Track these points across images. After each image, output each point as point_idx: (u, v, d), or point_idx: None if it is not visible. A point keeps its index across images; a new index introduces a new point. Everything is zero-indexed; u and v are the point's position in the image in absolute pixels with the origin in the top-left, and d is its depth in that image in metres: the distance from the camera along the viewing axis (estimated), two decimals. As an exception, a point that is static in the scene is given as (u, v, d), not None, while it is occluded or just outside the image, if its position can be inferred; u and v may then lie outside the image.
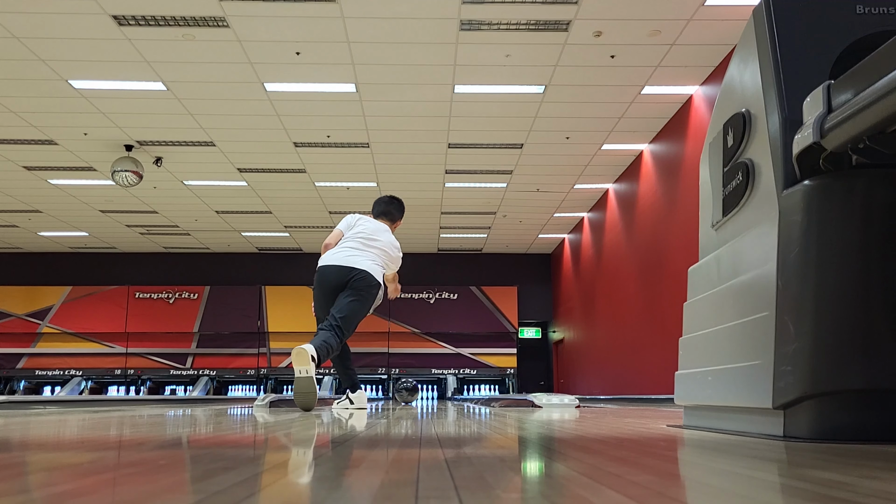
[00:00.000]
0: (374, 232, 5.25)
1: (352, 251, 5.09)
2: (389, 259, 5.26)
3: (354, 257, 5.06)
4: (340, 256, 5.07)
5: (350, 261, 5.04)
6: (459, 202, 12.63)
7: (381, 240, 5.24)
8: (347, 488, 0.93)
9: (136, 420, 3.02)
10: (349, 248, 5.11)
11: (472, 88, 8.04)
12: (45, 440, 1.86)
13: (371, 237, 5.20)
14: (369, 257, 5.10)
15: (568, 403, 5.01)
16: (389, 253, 5.25)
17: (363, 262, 5.06)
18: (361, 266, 5.03)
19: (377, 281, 5.08)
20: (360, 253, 5.10)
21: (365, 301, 5.02)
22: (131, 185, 10.02)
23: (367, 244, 5.15)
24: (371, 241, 5.18)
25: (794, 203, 1.71)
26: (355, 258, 5.06)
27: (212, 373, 16.19)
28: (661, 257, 9.49)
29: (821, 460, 1.23)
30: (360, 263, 5.04)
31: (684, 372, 2.39)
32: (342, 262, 5.04)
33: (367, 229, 5.24)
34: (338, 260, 5.07)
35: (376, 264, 5.11)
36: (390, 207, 5.52)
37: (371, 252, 5.13)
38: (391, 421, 2.94)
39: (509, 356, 16.53)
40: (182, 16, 6.46)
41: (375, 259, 5.12)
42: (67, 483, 0.96)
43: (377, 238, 5.23)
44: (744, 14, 6.46)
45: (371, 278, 5.02)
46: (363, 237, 5.18)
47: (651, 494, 0.86)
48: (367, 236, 5.19)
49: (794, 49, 1.86)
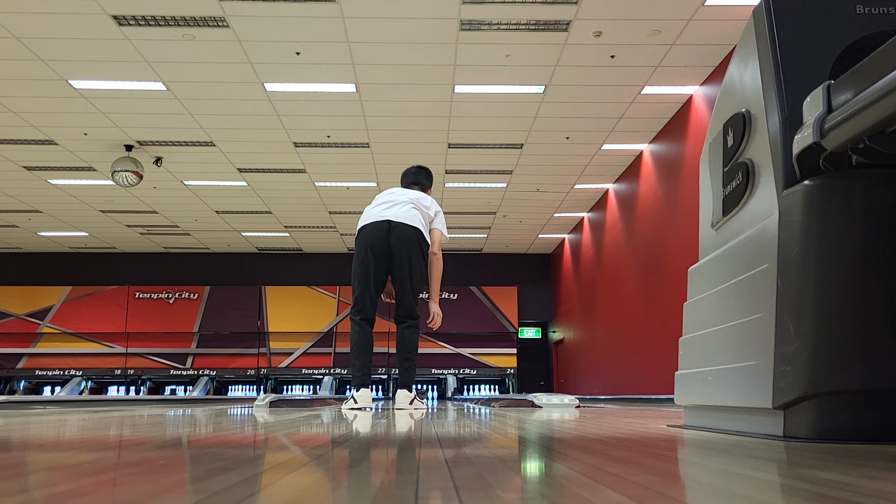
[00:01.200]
0: (404, 192, 5.05)
1: (386, 205, 4.88)
2: (424, 217, 4.95)
3: (393, 208, 4.84)
4: (376, 212, 4.86)
5: (387, 214, 4.82)
6: (459, 202, 12.63)
7: (411, 194, 5.01)
8: (347, 488, 0.93)
9: (136, 420, 3.02)
10: (383, 203, 4.91)
11: (472, 88, 8.04)
12: (45, 440, 1.86)
13: (402, 193, 5.01)
14: (406, 208, 4.86)
15: (568, 403, 5.01)
16: (423, 208, 4.96)
17: (402, 212, 4.82)
18: (400, 218, 4.79)
19: (422, 234, 4.86)
20: (395, 206, 4.87)
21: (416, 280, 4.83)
22: (131, 185, 10.02)
23: (399, 198, 4.94)
24: (403, 195, 4.98)
25: (794, 203, 1.71)
26: (393, 209, 4.83)
27: (212, 373, 16.20)
28: (661, 257, 9.49)
29: (821, 460, 1.23)
30: (398, 215, 4.81)
31: (684, 372, 2.39)
32: (379, 216, 4.82)
33: (395, 191, 5.08)
34: (374, 216, 4.84)
35: (415, 212, 4.86)
36: (419, 178, 5.27)
37: (407, 205, 4.89)
38: (391, 421, 2.94)
39: (509, 356, 16.53)
40: (182, 16, 6.46)
41: (413, 211, 4.87)
42: (67, 483, 0.96)
43: (407, 193, 5.01)
44: (744, 14, 6.46)
45: (412, 231, 4.79)
46: (393, 195, 4.99)
47: (651, 494, 0.86)
48: (399, 193, 5.01)
49: (794, 49, 1.86)
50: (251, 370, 16.27)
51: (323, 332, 16.24)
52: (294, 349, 16.35)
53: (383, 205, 4.91)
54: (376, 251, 4.80)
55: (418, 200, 4.97)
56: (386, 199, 4.98)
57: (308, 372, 16.30)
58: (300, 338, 16.36)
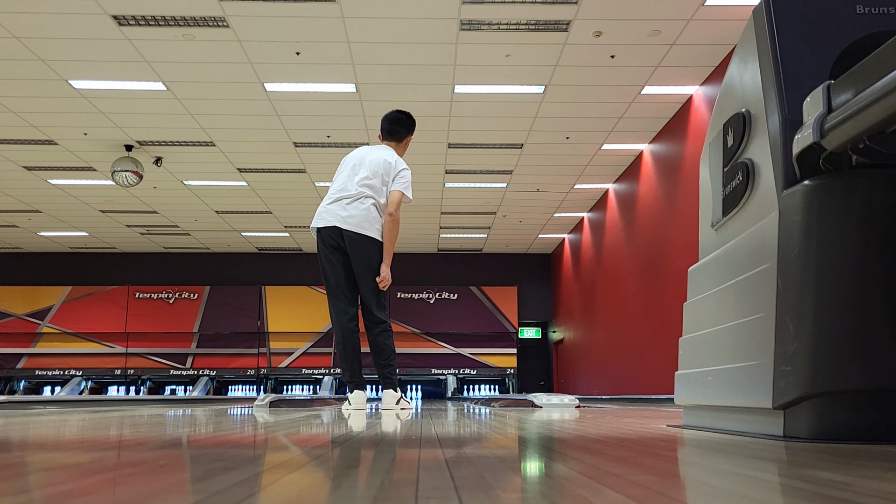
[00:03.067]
0: (358, 164, 4.70)
1: (339, 200, 4.62)
2: (381, 183, 4.64)
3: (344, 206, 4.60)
4: (328, 211, 4.63)
5: (337, 215, 4.59)
6: (459, 202, 12.63)
7: (371, 166, 4.66)
8: (347, 488, 0.93)
9: (136, 420, 3.02)
10: (336, 195, 4.65)
11: (472, 88, 8.04)
12: (45, 440, 1.86)
13: (353, 175, 4.66)
14: (359, 207, 4.58)
15: (568, 403, 5.01)
16: (383, 180, 4.65)
17: (354, 214, 4.57)
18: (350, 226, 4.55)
19: (377, 242, 4.62)
20: (346, 202, 4.60)
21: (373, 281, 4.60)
22: (131, 185, 10.02)
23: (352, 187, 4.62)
24: (357, 177, 4.64)
25: (794, 203, 1.71)
26: (345, 209, 4.59)
27: (212, 373, 16.20)
28: (661, 257, 9.49)
29: (821, 460, 1.23)
30: (349, 220, 4.57)
31: (684, 372, 2.39)
32: (329, 220, 4.60)
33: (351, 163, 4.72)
34: (325, 218, 4.62)
35: (369, 209, 4.58)
36: (395, 125, 4.90)
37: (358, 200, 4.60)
38: (391, 421, 2.94)
39: (509, 356, 16.53)
40: (182, 16, 6.46)
41: (366, 209, 4.58)
42: (67, 483, 0.96)
43: (361, 169, 4.66)
44: (744, 14, 6.46)
45: (364, 242, 4.57)
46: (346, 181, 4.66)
47: (651, 494, 0.86)
48: (354, 174, 4.67)
49: (794, 49, 1.86)
50: (251, 370, 16.27)
51: (323, 332, 16.24)
52: (294, 349, 16.36)
53: (337, 199, 4.63)
54: (334, 254, 4.64)
55: (378, 172, 4.64)
56: (339, 187, 4.68)
57: (308, 372, 16.31)
58: (300, 338, 16.36)
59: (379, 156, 4.72)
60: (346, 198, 4.61)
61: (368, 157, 4.72)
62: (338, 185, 4.71)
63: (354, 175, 4.67)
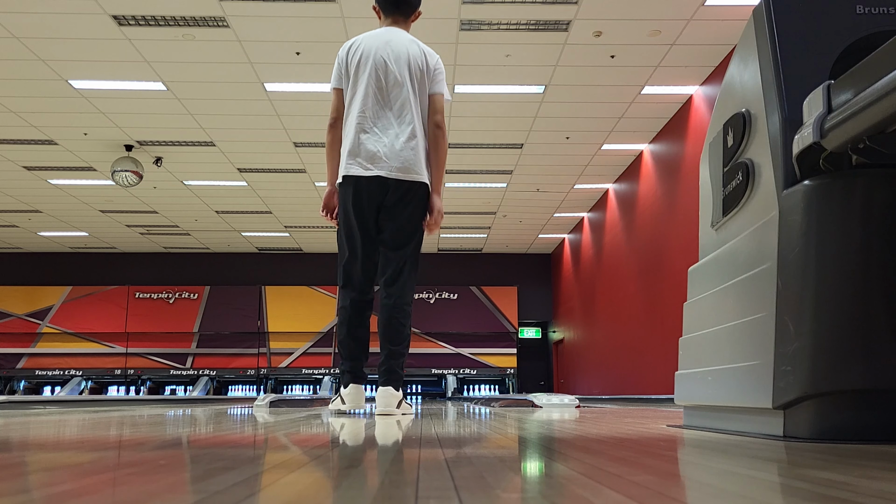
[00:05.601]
0: (381, 66, 3.43)
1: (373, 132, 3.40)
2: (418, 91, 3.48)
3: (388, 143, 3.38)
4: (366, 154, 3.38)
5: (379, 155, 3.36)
6: (459, 202, 12.63)
7: (393, 73, 3.43)
8: (347, 488, 0.93)
9: (136, 420, 3.02)
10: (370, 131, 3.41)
11: (472, 88, 8.04)
12: (45, 440, 1.86)
13: (390, 91, 3.43)
14: (406, 141, 3.40)
15: (568, 403, 5.00)
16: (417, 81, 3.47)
17: (401, 153, 3.38)
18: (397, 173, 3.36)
19: (423, 183, 3.47)
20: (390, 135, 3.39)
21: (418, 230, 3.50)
22: (131, 185, 10.02)
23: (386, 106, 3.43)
24: (390, 97, 3.43)
25: (794, 203, 1.71)
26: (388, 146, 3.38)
27: (212, 373, 16.20)
28: (661, 257, 9.49)
29: (821, 460, 1.23)
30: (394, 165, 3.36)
31: (684, 372, 2.39)
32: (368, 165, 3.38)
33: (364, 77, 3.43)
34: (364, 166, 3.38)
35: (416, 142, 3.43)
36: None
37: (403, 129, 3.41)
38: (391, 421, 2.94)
39: (509, 356, 16.54)
40: (182, 16, 6.46)
41: (413, 140, 3.42)
42: (67, 483, 0.96)
43: (388, 74, 3.43)
44: (744, 14, 6.46)
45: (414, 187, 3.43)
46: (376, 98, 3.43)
47: (651, 494, 0.86)
48: (383, 92, 3.44)
49: (794, 49, 1.86)
50: (251, 370, 16.27)
51: (323, 332, 16.24)
52: (294, 349, 16.36)
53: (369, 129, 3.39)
54: (370, 208, 3.43)
55: (415, 74, 3.47)
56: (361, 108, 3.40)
57: (308, 372, 16.31)
58: (300, 338, 16.36)
59: (403, 47, 3.47)
60: (380, 127, 3.41)
61: (391, 51, 3.45)
62: (358, 107, 3.43)
63: (382, 84, 3.43)
